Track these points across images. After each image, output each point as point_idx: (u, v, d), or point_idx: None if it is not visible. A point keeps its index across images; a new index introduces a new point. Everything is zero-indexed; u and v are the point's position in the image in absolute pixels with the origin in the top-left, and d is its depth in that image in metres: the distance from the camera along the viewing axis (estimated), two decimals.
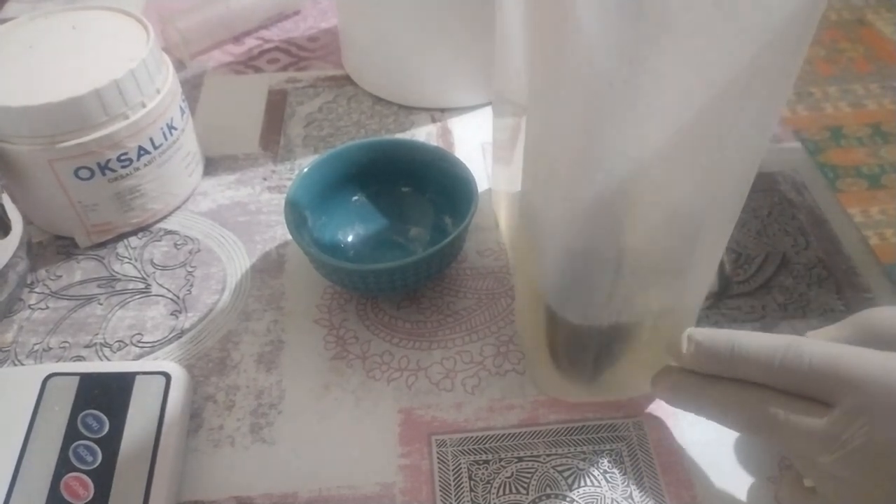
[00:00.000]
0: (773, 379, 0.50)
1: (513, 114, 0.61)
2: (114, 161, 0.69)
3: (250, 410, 0.63)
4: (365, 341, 0.67)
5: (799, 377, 0.49)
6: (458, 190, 0.70)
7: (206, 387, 0.64)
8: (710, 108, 0.40)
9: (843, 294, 0.71)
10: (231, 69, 0.98)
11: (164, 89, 0.72)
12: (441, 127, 0.89)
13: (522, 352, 0.66)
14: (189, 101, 0.84)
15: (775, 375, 0.50)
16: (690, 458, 0.60)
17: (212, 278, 0.72)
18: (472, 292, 0.71)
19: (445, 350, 0.67)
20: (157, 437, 0.57)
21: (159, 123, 0.71)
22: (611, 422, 0.62)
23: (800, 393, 0.49)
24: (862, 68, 2.97)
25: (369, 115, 0.90)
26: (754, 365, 0.50)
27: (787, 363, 0.49)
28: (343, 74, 0.96)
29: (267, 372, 0.65)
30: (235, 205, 0.79)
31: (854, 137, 2.64)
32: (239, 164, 0.84)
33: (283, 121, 0.89)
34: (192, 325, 0.68)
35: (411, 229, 0.74)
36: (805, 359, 0.48)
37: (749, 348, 0.51)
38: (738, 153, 0.44)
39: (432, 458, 0.60)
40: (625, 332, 0.56)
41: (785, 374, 0.49)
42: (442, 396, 0.64)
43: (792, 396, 0.50)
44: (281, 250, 0.74)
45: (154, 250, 0.75)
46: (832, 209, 0.79)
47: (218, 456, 0.60)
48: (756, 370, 0.51)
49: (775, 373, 0.50)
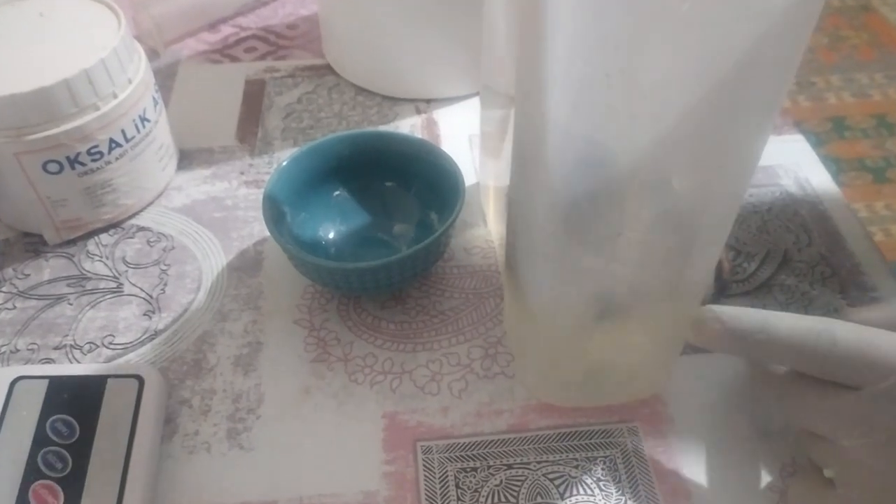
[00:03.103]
0: (805, 364, 0.50)
1: (501, 105, 0.61)
2: (84, 154, 0.69)
3: (227, 415, 0.63)
4: (347, 343, 0.67)
5: (832, 363, 0.49)
6: (445, 184, 0.70)
7: (181, 390, 0.64)
8: (709, 98, 0.40)
9: (847, 293, 0.71)
10: (206, 58, 0.98)
11: (136, 79, 0.72)
12: (426, 118, 0.89)
13: (512, 354, 0.66)
14: (162, 92, 0.84)
15: (807, 361, 0.50)
16: (688, 466, 0.60)
17: (186, 277, 0.72)
18: (459, 291, 0.71)
19: (431, 352, 0.67)
20: (130, 443, 0.57)
21: (131, 115, 0.71)
22: (604, 427, 0.62)
23: (832, 379, 0.50)
24: (866, 56, 2.97)
25: (351, 106, 0.90)
26: (786, 348, 0.51)
27: (820, 348, 0.49)
28: (324, 63, 0.96)
29: (244, 375, 0.65)
30: (211, 200, 0.79)
31: (858, 129, 2.64)
32: (215, 158, 0.84)
33: (261, 112, 0.89)
34: (166, 326, 0.68)
35: (395, 226, 0.74)
36: (840, 345, 0.48)
37: (780, 331, 0.51)
38: (738, 146, 0.44)
39: (417, 466, 0.60)
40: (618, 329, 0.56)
41: (818, 359, 0.49)
42: (427, 401, 0.64)
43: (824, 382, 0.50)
44: (259, 247, 0.75)
45: (126, 248, 0.75)
46: (835, 204, 0.79)
47: (193, 463, 0.60)
48: (787, 354, 0.51)
49: (807, 358, 0.50)
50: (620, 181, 0.44)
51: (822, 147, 2.56)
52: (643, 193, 0.45)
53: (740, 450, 0.61)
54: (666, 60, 0.38)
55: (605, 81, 0.39)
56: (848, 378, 0.48)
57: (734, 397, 0.64)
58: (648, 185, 0.45)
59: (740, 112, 0.42)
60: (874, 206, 2.38)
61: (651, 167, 0.44)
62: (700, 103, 0.40)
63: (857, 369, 0.48)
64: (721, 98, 0.40)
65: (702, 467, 0.60)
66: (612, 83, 0.39)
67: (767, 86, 0.41)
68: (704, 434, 0.61)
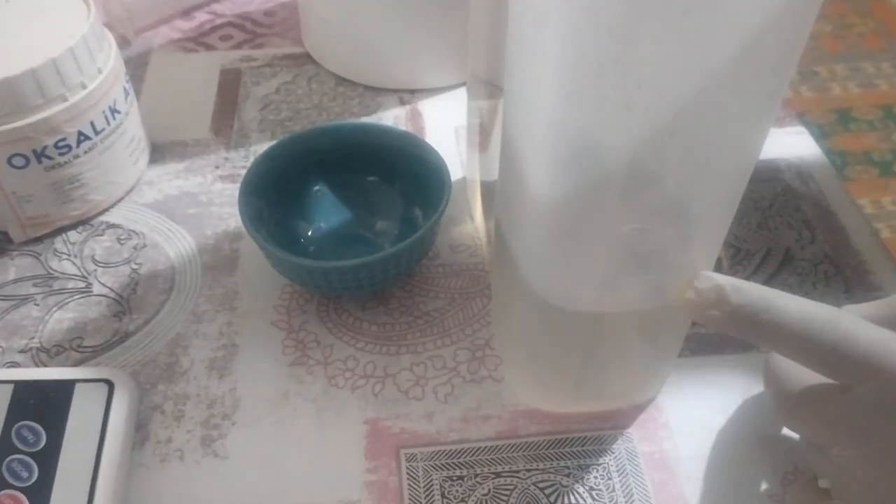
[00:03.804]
0: (807, 355, 0.48)
1: (489, 95, 0.61)
2: (51, 148, 0.69)
3: (201, 421, 0.63)
4: (327, 345, 0.67)
5: (837, 358, 0.47)
6: (430, 179, 0.70)
7: (153, 395, 0.64)
8: (707, 89, 0.40)
9: (852, 293, 0.71)
10: (180, 46, 0.98)
11: (106, 69, 0.72)
12: (411, 110, 0.89)
13: (500, 356, 0.66)
14: (134, 82, 0.84)
15: (811, 352, 0.48)
16: (684, 474, 0.60)
17: (159, 276, 0.72)
18: (444, 291, 0.71)
19: (415, 355, 0.67)
20: (99, 450, 0.57)
21: (101, 106, 0.71)
22: (597, 434, 0.62)
23: (833, 375, 0.48)
24: (872, 45, 2.98)
25: (332, 96, 0.90)
26: (790, 335, 0.48)
27: (827, 340, 0.47)
28: (303, 52, 0.96)
29: (219, 379, 0.65)
30: (185, 195, 0.79)
31: (864, 121, 2.65)
32: (188, 151, 0.84)
33: (237, 103, 0.89)
34: (137, 328, 0.68)
35: (378, 222, 0.74)
36: (850, 339, 0.47)
37: (788, 314, 0.48)
38: (737, 138, 0.44)
39: (401, 474, 0.60)
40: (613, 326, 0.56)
41: (823, 351, 0.47)
42: (412, 406, 0.64)
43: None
44: (234, 245, 0.75)
45: (95, 246, 0.75)
46: (840, 199, 0.79)
47: (166, 471, 0.60)
48: (791, 341, 0.48)
49: (811, 349, 0.48)
50: (614, 175, 0.44)
51: (825, 140, 2.56)
52: (637, 188, 0.45)
53: (739, 457, 0.61)
54: (661, 49, 0.38)
55: (599, 71, 0.39)
56: (850, 376, 0.47)
57: (733, 402, 0.64)
58: (643, 179, 0.45)
59: (740, 103, 0.42)
60: (881, 202, 2.38)
61: (646, 160, 0.44)
62: (697, 94, 0.40)
63: (860, 368, 0.47)
64: (719, 88, 0.40)
65: (699, 475, 0.60)
66: (605, 72, 0.39)
67: (768, 75, 0.41)
68: (702, 441, 0.61)
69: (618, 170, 0.44)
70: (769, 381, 0.55)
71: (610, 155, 0.43)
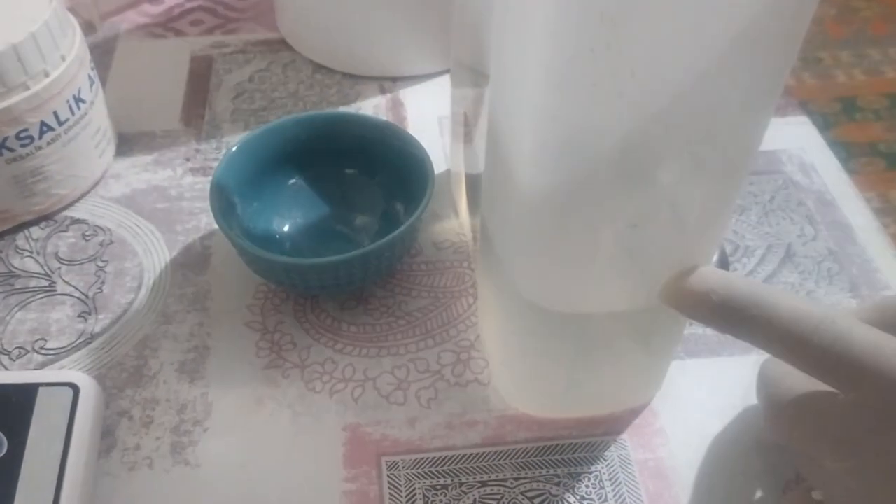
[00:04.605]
0: (798, 357, 0.47)
1: (474, 83, 0.61)
2: (12, 139, 0.69)
3: (171, 428, 0.63)
4: (304, 347, 0.67)
5: (829, 361, 0.46)
6: (412, 172, 0.70)
7: (120, 400, 0.64)
8: (705, 76, 0.40)
9: (857, 292, 0.71)
10: (148, 32, 0.97)
11: (70, 56, 0.71)
12: (392, 99, 0.89)
13: (486, 359, 0.67)
14: (99, 70, 0.84)
15: (801, 353, 0.47)
16: (681, 483, 0.60)
17: (126, 275, 0.72)
18: (428, 290, 0.71)
19: (397, 357, 0.67)
20: (64, 458, 0.57)
21: (65, 95, 0.71)
22: (589, 440, 0.62)
23: (825, 380, 0.47)
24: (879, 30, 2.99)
25: (308, 84, 0.90)
26: (780, 333, 0.47)
27: (821, 341, 0.46)
28: (278, 38, 0.96)
29: (190, 383, 0.65)
30: (153, 189, 0.79)
31: (870, 110, 2.66)
32: (157, 143, 0.84)
33: (209, 92, 0.89)
34: (103, 329, 0.68)
35: (357, 218, 0.75)
36: (843, 341, 0.46)
37: (778, 311, 0.47)
38: (736, 129, 0.44)
39: (382, 483, 0.60)
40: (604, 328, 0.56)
41: (814, 354, 0.46)
42: (393, 411, 0.64)
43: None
44: (206, 242, 0.75)
45: (59, 242, 0.74)
46: (845, 193, 0.79)
47: (134, 480, 0.60)
48: (780, 341, 0.48)
49: (802, 350, 0.47)
50: (605, 168, 0.44)
51: (829, 130, 2.57)
52: (631, 180, 0.45)
53: (738, 465, 0.61)
54: (656, 33, 0.38)
55: (589, 57, 0.39)
56: (844, 381, 0.46)
57: (732, 407, 0.64)
58: (636, 173, 0.45)
59: (739, 91, 0.42)
60: (888, 196, 2.39)
61: (640, 152, 0.44)
62: (694, 81, 0.40)
63: (854, 372, 0.46)
64: (717, 75, 0.40)
65: (696, 483, 0.60)
66: (596, 59, 0.39)
67: (769, 61, 0.41)
68: (699, 448, 0.61)
69: (610, 162, 0.44)
70: (760, 387, 0.55)
71: (601, 146, 0.43)
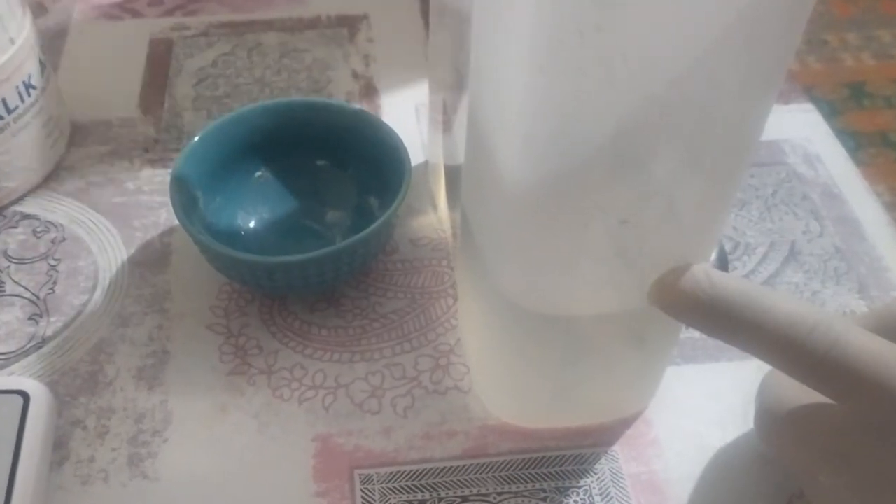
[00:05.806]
0: (792, 364, 0.47)
1: (454, 69, 0.61)
2: None
3: (128, 438, 0.63)
4: (271, 352, 0.67)
5: (825, 369, 0.46)
6: (387, 163, 0.70)
7: (74, 409, 0.64)
8: (702, 61, 0.40)
9: (865, 292, 0.71)
10: (103, 13, 0.97)
11: (19, 39, 0.71)
12: (365, 85, 0.89)
13: (467, 365, 0.67)
14: (51, 54, 0.84)
15: (795, 360, 0.47)
16: (676, 498, 0.61)
17: (80, 274, 0.72)
18: (404, 291, 0.71)
19: (371, 363, 0.67)
20: (13, 472, 0.57)
21: (14, 81, 0.71)
22: (577, 452, 0.63)
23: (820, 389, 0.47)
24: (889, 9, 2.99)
25: (276, 70, 0.90)
26: (773, 339, 0.47)
27: (817, 348, 0.45)
28: (243, 20, 0.96)
29: (149, 390, 0.65)
30: (109, 182, 0.79)
31: (880, 97, 2.66)
32: (114, 132, 0.84)
33: (169, 77, 0.89)
34: (55, 333, 0.68)
35: (328, 212, 0.75)
36: (840, 348, 0.45)
37: (770, 315, 0.47)
38: (736, 117, 0.44)
39: (355, 498, 0.60)
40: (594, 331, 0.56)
41: (809, 361, 0.46)
42: (367, 420, 0.64)
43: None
44: (166, 239, 0.74)
45: (8, 239, 0.74)
46: (853, 186, 0.80)
47: (88, 495, 0.60)
48: (774, 346, 0.47)
49: (796, 356, 0.46)
50: (595, 160, 0.44)
51: (836, 118, 2.57)
52: (621, 174, 0.45)
53: (738, 479, 0.61)
54: (649, 14, 0.38)
55: (577, 40, 0.39)
56: (840, 390, 0.46)
57: (731, 416, 0.64)
58: (628, 165, 0.45)
59: (738, 76, 0.42)
60: None
61: (632, 143, 0.44)
62: (690, 66, 0.40)
63: (851, 381, 0.45)
64: (716, 59, 0.40)
65: (693, 499, 0.60)
66: (585, 42, 0.39)
67: (770, 44, 0.41)
68: (696, 460, 0.61)
69: (600, 153, 0.44)
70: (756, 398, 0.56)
71: (591, 136, 0.43)
